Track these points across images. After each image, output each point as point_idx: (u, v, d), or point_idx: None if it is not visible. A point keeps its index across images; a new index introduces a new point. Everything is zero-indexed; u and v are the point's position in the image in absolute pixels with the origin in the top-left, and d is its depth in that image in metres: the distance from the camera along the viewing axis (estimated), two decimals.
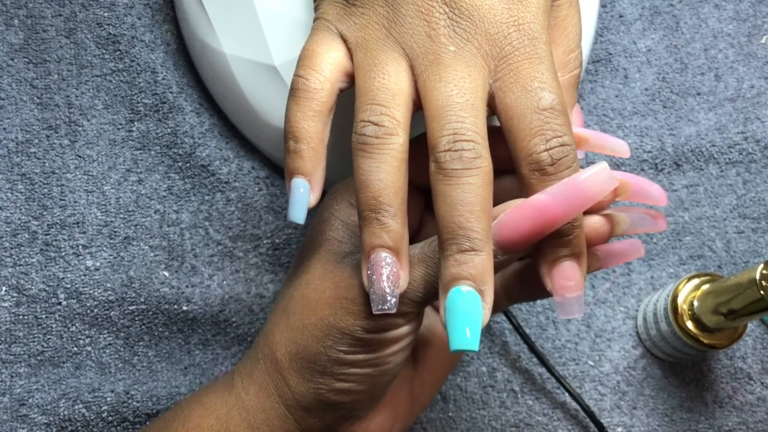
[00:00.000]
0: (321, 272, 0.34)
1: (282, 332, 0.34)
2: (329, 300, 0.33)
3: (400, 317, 0.32)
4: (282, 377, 0.34)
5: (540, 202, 0.29)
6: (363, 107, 0.31)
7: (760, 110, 0.49)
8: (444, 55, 0.30)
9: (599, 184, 0.30)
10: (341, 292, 0.33)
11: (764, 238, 0.48)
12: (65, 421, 0.42)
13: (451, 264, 0.29)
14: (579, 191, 0.29)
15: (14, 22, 0.46)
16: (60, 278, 0.43)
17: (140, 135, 0.46)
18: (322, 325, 0.33)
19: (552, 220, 0.29)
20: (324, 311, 0.33)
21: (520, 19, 0.31)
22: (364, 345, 0.33)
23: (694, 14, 0.51)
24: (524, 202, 0.30)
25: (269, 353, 0.35)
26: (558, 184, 0.30)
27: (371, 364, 0.33)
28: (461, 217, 0.29)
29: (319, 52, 0.32)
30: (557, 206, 0.29)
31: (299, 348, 0.33)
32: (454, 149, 0.29)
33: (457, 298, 0.29)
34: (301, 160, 0.32)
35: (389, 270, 0.30)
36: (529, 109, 0.30)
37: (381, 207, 0.30)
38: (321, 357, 0.33)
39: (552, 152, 0.29)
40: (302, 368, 0.34)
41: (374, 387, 0.34)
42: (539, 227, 0.30)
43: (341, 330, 0.32)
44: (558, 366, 0.47)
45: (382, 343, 0.33)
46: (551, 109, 0.30)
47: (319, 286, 0.33)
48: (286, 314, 0.34)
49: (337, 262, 0.34)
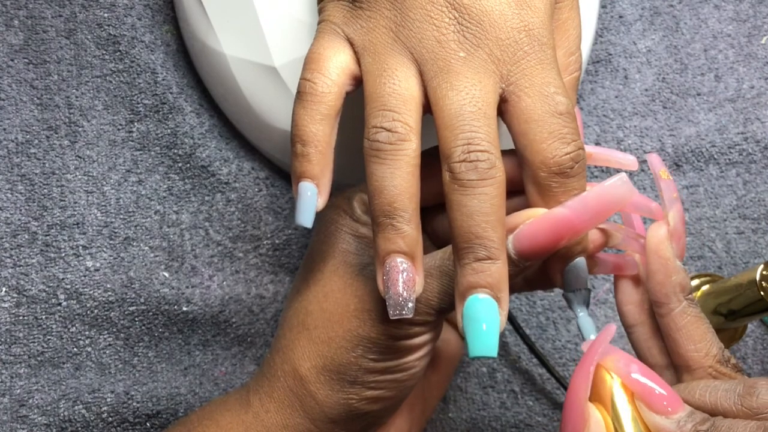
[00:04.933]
0: (340, 285, 0.34)
1: (304, 347, 0.34)
2: (355, 312, 0.33)
3: (422, 325, 0.33)
4: (308, 392, 0.34)
5: (561, 216, 0.30)
6: (374, 113, 0.31)
7: (760, 111, 0.49)
8: (454, 62, 0.31)
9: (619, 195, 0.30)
10: (367, 305, 0.33)
11: (764, 239, 0.48)
12: (65, 421, 0.42)
13: (468, 272, 0.30)
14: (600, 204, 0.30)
15: (14, 22, 0.46)
16: (60, 279, 0.43)
17: (140, 136, 0.46)
18: (351, 336, 0.33)
19: (572, 232, 0.30)
20: (351, 323, 0.33)
21: (530, 24, 0.31)
22: (393, 352, 0.33)
23: (694, 15, 0.51)
24: (546, 215, 0.30)
25: (290, 370, 0.35)
26: (578, 198, 0.30)
27: (400, 369, 0.34)
28: (478, 227, 0.29)
29: (326, 56, 0.32)
30: (578, 219, 0.30)
31: (326, 361, 0.34)
32: (469, 160, 0.29)
33: (475, 306, 0.29)
34: (308, 163, 0.32)
35: (405, 275, 0.31)
36: (548, 114, 0.30)
37: (396, 213, 0.30)
38: (352, 367, 0.33)
39: (572, 155, 0.30)
40: (331, 380, 0.34)
41: (402, 392, 0.35)
42: (559, 239, 0.30)
43: (371, 339, 0.33)
44: (558, 367, 0.47)
45: (409, 349, 0.34)
46: (567, 114, 0.30)
47: (341, 299, 0.34)
48: (305, 329, 0.35)
49: (356, 275, 0.34)
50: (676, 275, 0.32)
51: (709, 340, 0.32)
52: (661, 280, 0.32)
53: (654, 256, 0.33)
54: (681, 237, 0.33)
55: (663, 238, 0.33)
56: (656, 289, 0.33)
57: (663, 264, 0.32)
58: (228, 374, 0.45)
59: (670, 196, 0.33)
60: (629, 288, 0.35)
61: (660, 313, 0.33)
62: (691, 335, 0.32)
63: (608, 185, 0.30)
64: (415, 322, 0.33)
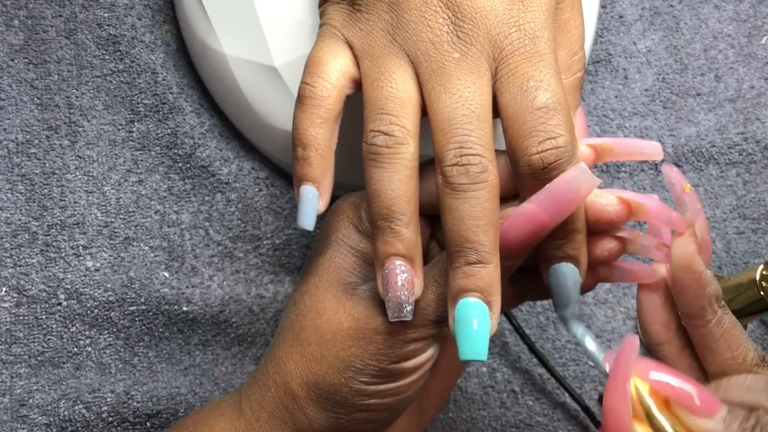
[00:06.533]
0: (333, 303, 0.33)
1: (296, 362, 0.34)
2: (349, 332, 0.33)
3: (420, 341, 0.33)
4: (298, 406, 0.34)
5: (527, 211, 0.30)
6: (372, 117, 0.31)
7: (760, 111, 0.49)
8: (448, 63, 0.31)
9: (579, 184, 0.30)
10: (361, 324, 0.33)
11: (764, 239, 0.48)
12: (65, 421, 0.42)
13: (459, 276, 0.30)
14: (560, 195, 0.30)
15: (14, 22, 0.46)
16: (60, 279, 0.43)
17: (140, 135, 0.46)
18: (343, 356, 0.33)
19: (541, 226, 0.30)
20: (345, 343, 0.33)
21: (521, 19, 0.31)
22: (386, 375, 0.33)
23: (694, 15, 0.51)
24: (515, 211, 0.30)
25: (282, 382, 0.34)
26: (541, 191, 0.30)
27: (392, 394, 0.33)
28: (469, 231, 0.29)
29: (326, 59, 0.32)
30: (545, 212, 0.30)
31: (318, 379, 0.33)
32: (460, 163, 0.29)
33: (466, 310, 0.29)
34: (309, 167, 0.32)
35: (404, 277, 0.31)
36: (523, 109, 0.30)
37: (394, 216, 0.30)
38: (342, 389, 0.33)
39: (543, 155, 0.30)
40: (321, 399, 0.33)
41: (392, 415, 0.35)
42: (531, 234, 0.30)
43: (363, 361, 0.32)
44: (558, 366, 0.47)
45: (404, 372, 0.33)
46: (545, 108, 0.30)
47: (333, 318, 0.33)
48: (299, 344, 0.34)
49: (350, 294, 0.34)
50: (709, 287, 0.32)
51: (744, 345, 0.32)
52: (696, 294, 0.32)
53: (685, 272, 0.32)
54: (708, 248, 0.33)
55: (693, 252, 0.32)
56: (690, 303, 0.32)
57: (696, 278, 0.32)
58: (228, 374, 0.45)
59: (694, 208, 0.33)
60: (655, 307, 0.34)
61: (695, 325, 0.32)
62: (728, 344, 0.32)
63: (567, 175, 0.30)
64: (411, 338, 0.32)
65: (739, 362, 0.32)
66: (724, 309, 0.32)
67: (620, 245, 0.33)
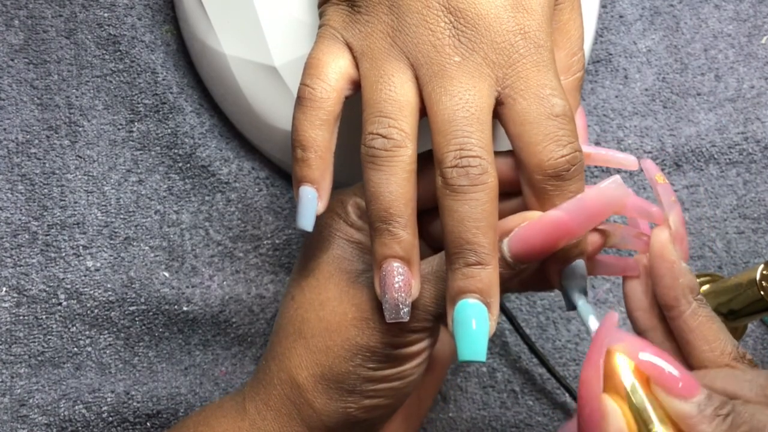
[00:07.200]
0: (336, 293, 0.34)
1: (301, 356, 0.34)
2: (353, 321, 0.33)
3: (421, 331, 0.33)
4: (305, 400, 0.34)
5: (557, 218, 0.30)
6: (371, 119, 0.31)
7: (760, 110, 0.49)
8: (449, 66, 0.31)
9: (615, 198, 0.30)
10: (365, 313, 0.33)
11: (764, 239, 0.48)
12: (65, 421, 0.42)
13: (459, 277, 0.30)
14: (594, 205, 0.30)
15: (14, 22, 0.46)
16: (60, 279, 0.43)
17: (140, 135, 0.46)
18: (350, 345, 0.33)
19: (568, 235, 0.30)
20: (350, 332, 0.33)
21: (525, 27, 0.31)
22: (391, 360, 0.33)
23: (694, 14, 0.51)
24: (541, 218, 0.30)
25: (288, 378, 0.35)
26: (574, 200, 0.30)
27: (398, 378, 0.34)
28: (468, 233, 0.29)
29: (325, 61, 0.32)
30: (574, 221, 0.30)
31: (324, 369, 0.34)
32: (460, 165, 0.30)
33: (465, 311, 0.30)
34: (308, 168, 0.32)
35: (401, 279, 0.31)
36: (543, 116, 0.30)
37: (392, 218, 0.31)
38: (350, 376, 0.33)
39: (569, 158, 0.30)
40: (329, 389, 0.34)
41: (399, 400, 0.35)
42: (555, 242, 0.30)
43: (370, 348, 0.33)
44: (558, 366, 0.47)
45: (407, 357, 0.34)
46: (563, 116, 0.30)
47: (337, 308, 0.34)
48: (302, 337, 0.34)
49: (352, 282, 0.34)
50: (683, 277, 0.32)
51: (722, 338, 0.32)
52: (669, 284, 0.32)
53: (659, 260, 0.32)
54: (683, 239, 0.33)
55: (666, 241, 0.32)
56: (665, 293, 0.32)
57: (669, 267, 0.32)
58: (228, 374, 0.45)
59: (668, 200, 0.33)
60: (637, 294, 0.34)
61: (671, 317, 0.33)
62: (704, 336, 0.32)
63: (604, 187, 0.30)
64: (413, 329, 0.33)
65: (717, 354, 0.32)
66: (700, 302, 0.33)
67: (602, 238, 0.33)
